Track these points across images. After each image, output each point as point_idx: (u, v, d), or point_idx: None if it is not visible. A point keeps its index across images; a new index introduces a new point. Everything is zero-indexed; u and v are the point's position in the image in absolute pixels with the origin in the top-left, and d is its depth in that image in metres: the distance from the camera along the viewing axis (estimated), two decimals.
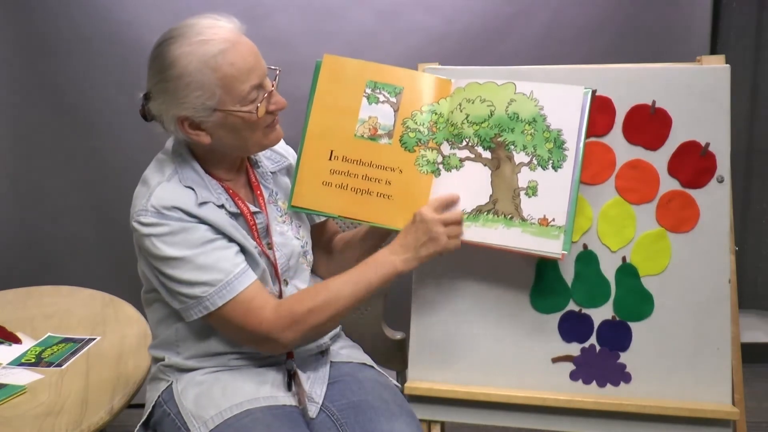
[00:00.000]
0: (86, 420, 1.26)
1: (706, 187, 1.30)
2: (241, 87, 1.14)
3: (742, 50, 2.30)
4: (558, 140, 1.23)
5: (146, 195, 1.17)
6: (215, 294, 1.15)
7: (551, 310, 1.34)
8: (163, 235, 1.15)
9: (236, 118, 1.16)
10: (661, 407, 1.28)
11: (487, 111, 1.27)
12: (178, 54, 1.12)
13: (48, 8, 2.11)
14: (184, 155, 1.22)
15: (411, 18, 2.13)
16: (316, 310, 1.18)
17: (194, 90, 1.12)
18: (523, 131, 1.25)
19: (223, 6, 1.55)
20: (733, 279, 1.30)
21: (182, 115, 1.15)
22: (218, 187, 1.22)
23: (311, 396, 1.26)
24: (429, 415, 1.37)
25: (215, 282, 1.15)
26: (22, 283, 1.96)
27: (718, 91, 1.29)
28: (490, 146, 1.26)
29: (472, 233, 1.24)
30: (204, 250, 1.16)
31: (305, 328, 1.18)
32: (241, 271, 1.17)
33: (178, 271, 1.15)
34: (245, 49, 1.15)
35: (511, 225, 1.23)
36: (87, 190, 2.26)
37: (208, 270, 1.15)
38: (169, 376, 1.28)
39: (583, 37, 2.13)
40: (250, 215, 1.24)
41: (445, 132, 1.30)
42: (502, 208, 1.24)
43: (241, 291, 1.16)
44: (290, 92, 1.30)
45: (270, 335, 1.17)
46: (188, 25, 1.15)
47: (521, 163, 1.24)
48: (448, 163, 1.28)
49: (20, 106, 2.20)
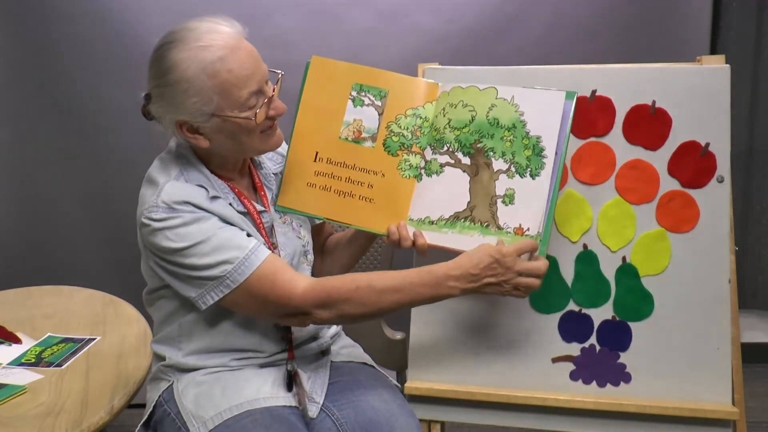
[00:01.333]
0: (86, 420, 1.26)
1: (706, 187, 1.30)
2: (239, 93, 1.14)
3: (742, 50, 2.30)
4: (537, 147, 1.22)
5: (156, 192, 1.16)
6: (235, 271, 1.15)
7: (551, 310, 1.34)
8: (176, 227, 1.14)
9: (234, 123, 1.15)
10: (661, 407, 1.28)
11: (469, 116, 1.27)
12: (177, 59, 1.12)
13: (48, 8, 2.11)
14: (188, 156, 1.23)
15: (411, 18, 2.13)
16: (353, 300, 1.16)
17: (192, 96, 1.12)
18: (502, 137, 1.24)
19: (223, 6, 1.55)
20: (733, 279, 1.30)
21: (180, 120, 1.15)
22: (225, 187, 1.23)
23: (312, 396, 1.26)
24: (429, 415, 1.37)
25: (233, 259, 1.15)
26: (22, 283, 1.95)
27: (718, 91, 1.29)
28: (470, 152, 1.25)
29: (447, 240, 1.24)
30: (216, 233, 1.15)
31: (333, 313, 1.17)
32: (255, 245, 1.17)
33: (194, 258, 1.14)
34: (244, 55, 1.14)
35: (487, 233, 1.22)
36: (87, 190, 2.27)
37: (224, 249, 1.14)
38: (170, 376, 1.28)
39: (583, 37, 2.13)
40: (257, 214, 1.25)
41: (429, 137, 1.29)
42: (479, 216, 1.23)
43: (259, 264, 1.15)
44: (290, 92, 1.29)
45: (298, 304, 1.16)
46: (189, 28, 1.15)
47: (499, 170, 1.24)
48: (429, 168, 1.28)
49: (21, 107, 2.21)
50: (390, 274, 1.18)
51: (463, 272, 1.15)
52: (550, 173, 1.21)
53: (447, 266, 1.16)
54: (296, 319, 1.20)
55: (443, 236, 1.24)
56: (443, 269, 1.15)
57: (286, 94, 1.22)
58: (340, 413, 1.23)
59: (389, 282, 1.16)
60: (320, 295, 1.16)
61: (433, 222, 1.26)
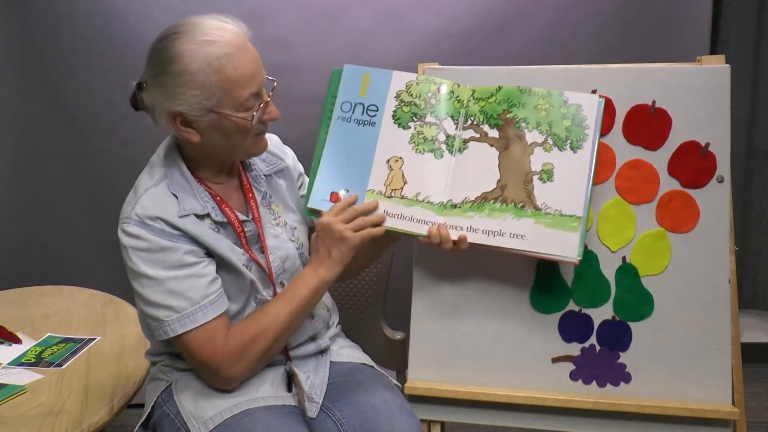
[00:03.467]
0: (86, 420, 1.26)
1: (706, 187, 1.30)
2: (241, 93, 1.14)
3: (742, 50, 2.30)
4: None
5: (132, 203, 1.18)
6: (177, 321, 1.16)
7: (551, 310, 1.34)
8: (141, 250, 1.15)
9: (230, 122, 1.15)
10: (661, 407, 1.28)
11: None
12: (182, 50, 1.12)
13: (48, 8, 2.11)
14: (174, 158, 1.23)
15: (411, 18, 2.13)
16: (261, 334, 1.19)
17: (193, 88, 1.12)
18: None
19: (224, 6, 1.55)
20: (733, 279, 1.30)
21: (176, 111, 1.14)
22: (205, 195, 1.22)
23: (311, 396, 1.25)
24: (429, 415, 1.37)
25: (180, 309, 1.15)
26: (22, 283, 1.96)
27: (718, 91, 1.29)
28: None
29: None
30: (177, 275, 1.16)
31: (253, 356, 1.19)
32: (209, 302, 1.17)
33: (148, 290, 1.16)
34: (249, 56, 1.15)
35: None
36: (87, 190, 2.26)
37: (176, 296, 1.15)
38: (168, 376, 1.28)
39: (583, 37, 2.13)
40: (238, 223, 1.24)
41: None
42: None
43: (203, 323, 1.16)
44: (290, 92, 1.29)
45: (220, 369, 1.18)
46: (194, 23, 1.14)
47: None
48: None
49: (21, 107, 2.20)
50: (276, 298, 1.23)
51: (313, 261, 1.22)
52: (592, 145, 1.08)
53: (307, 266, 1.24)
54: (218, 378, 1.20)
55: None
56: (305, 269, 1.23)
57: (286, 93, 1.22)
58: (341, 413, 1.23)
59: (276, 300, 1.22)
60: (234, 346, 1.18)
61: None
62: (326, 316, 1.38)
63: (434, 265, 1.36)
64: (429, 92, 1.20)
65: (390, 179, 1.23)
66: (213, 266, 1.20)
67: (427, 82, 1.21)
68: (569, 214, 1.09)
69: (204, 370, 1.21)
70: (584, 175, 1.09)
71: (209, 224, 1.21)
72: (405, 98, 1.20)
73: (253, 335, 1.18)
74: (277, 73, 1.21)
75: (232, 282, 1.22)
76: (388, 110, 1.22)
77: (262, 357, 1.21)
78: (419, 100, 1.20)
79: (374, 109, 1.23)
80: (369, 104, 1.23)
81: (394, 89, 1.22)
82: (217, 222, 1.22)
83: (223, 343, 1.17)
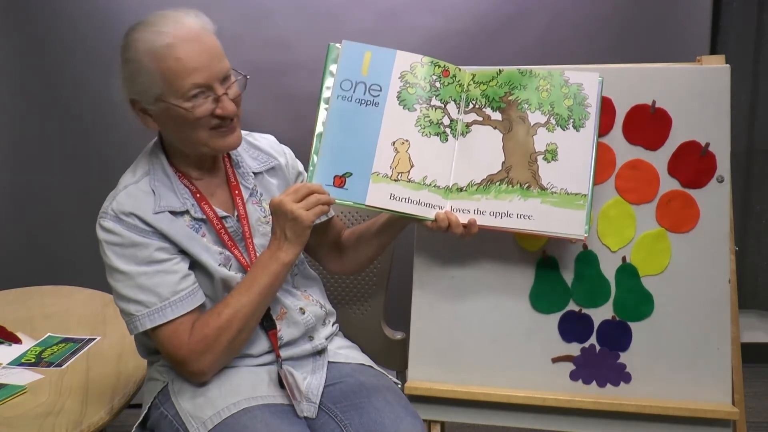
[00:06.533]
0: (86, 420, 1.26)
1: (706, 187, 1.30)
2: (182, 83, 1.14)
3: (742, 50, 2.30)
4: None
5: (111, 198, 1.21)
6: (146, 316, 1.18)
7: (551, 310, 1.34)
8: (114, 245, 1.19)
9: (175, 111, 1.16)
10: (661, 407, 1.28)
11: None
12: (132, 38, 1.16)
13: (48, 8, 2.11)
14: (158, 153, 1.25)
15: (411, 18, 2.13)
16: (224, 326, 1.19)
17: (139, 75, 1.15)
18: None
19: (224, 6, 1.55)
20: (733, 279, 1.30)
21: (132, 98, 1.19)
22: (185, 191, 1.23)
23: (308, 396, 1.25)
24: (429, 415, 1.37)
25: (150, 304, 1.17)
26: (22, 283, 1.96)
27: (718, 91, 1.29)
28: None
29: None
30: (147, 271, 1.17)
31: (219, 348, 1.19)
32: (178, 299, 1.18)
33: (120, 284, 1.19)
34: (198, 48, 1.15)
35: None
36: (87, 190, 2.26)
37: (146, 291, 1.17)
38: (164, 376, 1.28)
39: (583, 37, 2.13)
40: (217, 220, 1.24)
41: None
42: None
43: (171, 319, 1.18)
44: (291, 92, 1.29)
45: (186, 363, 1.19)
46: (159, 14, 1.18)
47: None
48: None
49: (21, 107, 2.20)
50: (237, 287, 1.22)
51: (271, 245, 1.21)
52: (594, 123, 1.09)
53: (264, 250, 1.22)
54: (187, 371, 1.21)
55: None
56: (262, 253, 1.22)
57: (286, 93, 1.22)
58: (343, 415, 1.23)
59: (236, 289, 1.21)
60: (198, 339, 1.18)
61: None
62: (320, 312, 1.37)
63: (434, 264, 1.36)
64: (434, 75, 1.19)
65: (396, 162, 1.20)
66: (185, 264, 1.22)
67: (431, 65, 1.20)
68: (575, 192, 1.11)
69: (175, 364, 1.23)
70: (588, 152, 1.10)
71: (188, 221, 1.22)
72: (410, 79, 1.19)
73: (215, 328, 1.19)
74: (277, 73, 1.21)
75: (203, 280, 1.24)
76: (392, 91, 1.19)
77: (229, 348, 1.21)
78: (424, 83, 1.19)
79: (377, 89, 1.20)
80: (371, 84, 1.20)
81: (399, 69, 1.20)
82: (196, 218, 1.23)
83: (187, 338, 1.19)
